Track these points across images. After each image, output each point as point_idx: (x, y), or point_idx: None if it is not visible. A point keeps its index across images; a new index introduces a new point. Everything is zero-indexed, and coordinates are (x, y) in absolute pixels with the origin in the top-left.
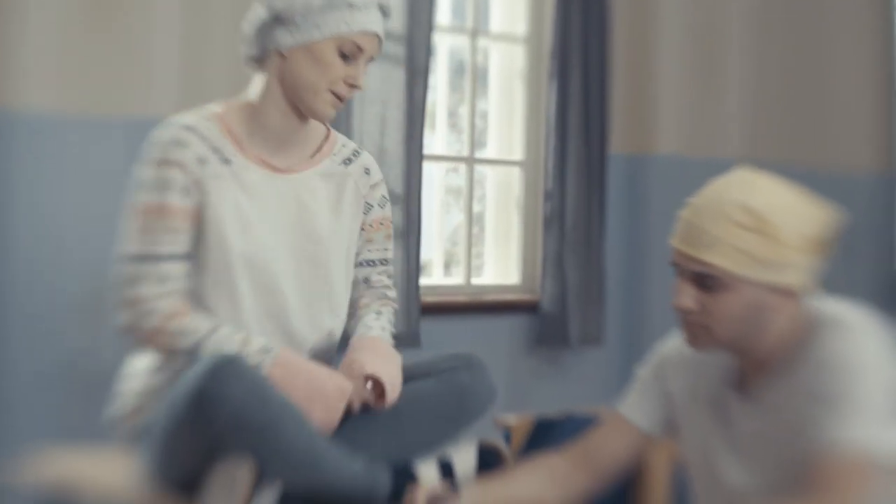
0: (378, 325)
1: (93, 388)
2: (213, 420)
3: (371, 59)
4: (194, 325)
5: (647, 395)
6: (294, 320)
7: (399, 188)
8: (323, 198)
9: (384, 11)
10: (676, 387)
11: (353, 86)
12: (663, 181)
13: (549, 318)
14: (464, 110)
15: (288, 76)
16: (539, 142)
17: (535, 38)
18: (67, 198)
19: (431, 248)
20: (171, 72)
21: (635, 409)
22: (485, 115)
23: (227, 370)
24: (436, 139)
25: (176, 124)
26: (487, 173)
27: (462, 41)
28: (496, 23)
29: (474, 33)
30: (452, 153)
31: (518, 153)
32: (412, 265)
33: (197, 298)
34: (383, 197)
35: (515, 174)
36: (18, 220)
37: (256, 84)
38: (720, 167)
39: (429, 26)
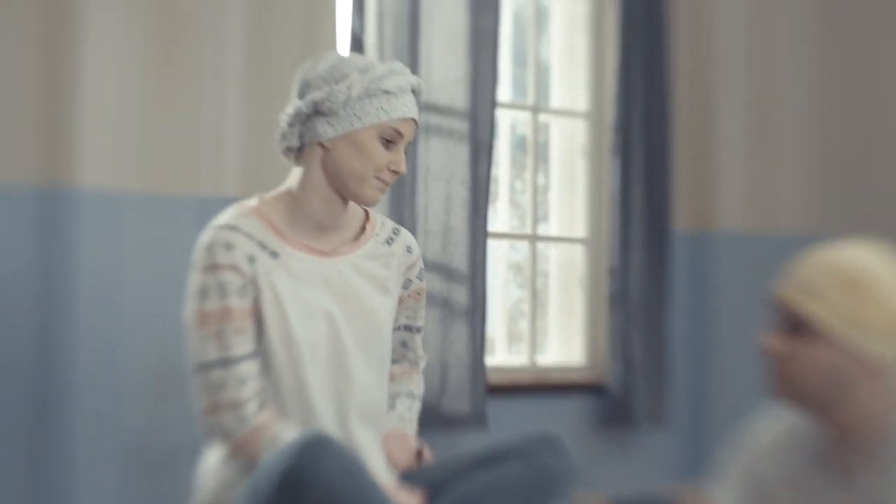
0: (407, 417)
1: (158, 467)
2: (305, 497)
3: (409, 142)
4: (283, 436)
5: (739, 482)
6: (360, 396)
7: (464, 266)
8: (370, 277)
9: (417, 93)
10: (770, 473)
11: (395, 171)
12: (727, 257)
13: (613, 398)
14: (525, 186)
15: (331, 165)
16: (601, 218)
17: (597, 114)
18: (130, 277)
19: (494, 325)
20: (235, 150)
21: (728, 495)
22: (545, 191)
23: (318, 446)
24: (497, 215)
25: (219, 227)
26: (550, 250)
27: (523, 117)
28: (557, 98)
29: (535, 109)
30: (513, 229)
31: (580, 230)
32: (477, 344)
33: (275, 394)
34: (421, 270)
35: (578, 251)
36: (82, 299)
37: (294, 175)
38: (783, 242)
39: (492, 102)
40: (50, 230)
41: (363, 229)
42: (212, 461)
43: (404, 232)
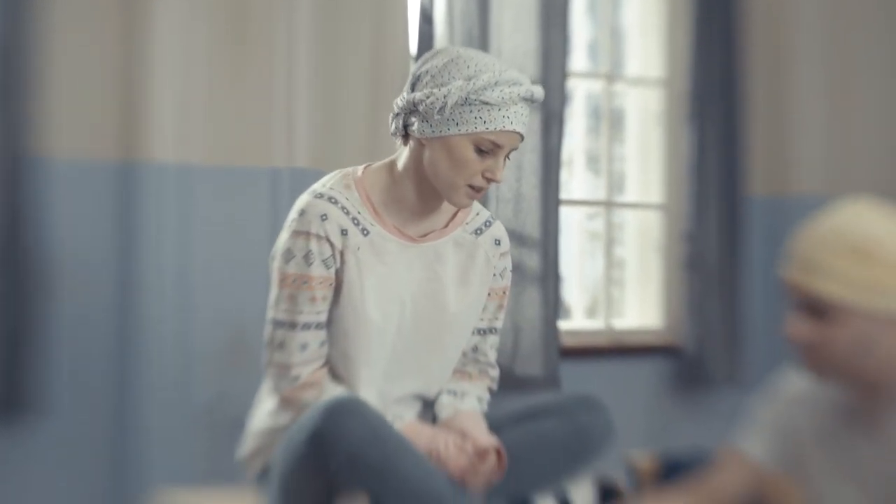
0: (479, 409)
1: (228, 435)
2: (331, 458)
3: (512, 150)
4: (326, 395)
5: (768, 433)
6: (408, 387)
7: (536, 233)
8: (452, 267)
9: (532, 101)
10: (799, 427)
11: (490, 179)
12: (803, 221)
13: (690, 360)
14: (602, 154)
15: (426, 162)
16: (678, 184)
17: (672, 81)
18: (203, 247)
19: (572, 294)
20: (304, 123)
21: (757, 446)
22: (623, 159)
23: (345, 409)
24: (574, 184)
25: (320, 196)
26: (627, 217)
27: (599, 85)
28: (632, 67)
29: (611, 77)
30: (592, 197)
31: (657, 196)
32: (550, 309)
33: (332, 362)
34: (506, 268)
35: (655, 217)
36: (158, 272)
37: (403, 152)
38: None
39: (563, 72)
40: (127, 204)
41: (455, 215)
42: (265, 407)
43: (497, 224)
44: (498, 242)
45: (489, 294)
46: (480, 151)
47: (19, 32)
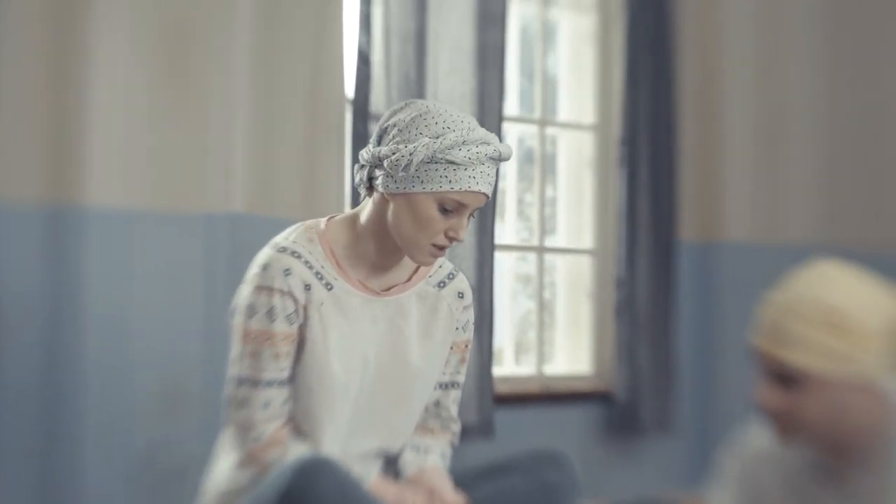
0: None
1: (169, 482)
2: None
3: (477, 209)
4: (291, 453)
5: (734, 486)
6: (372, 443)
7: (472, 278)
8: (416, 321)
9: (500, 160)
10: (766, 481)
11: (453, 238)
12: (733, 267)
13: (620, 406)
14: (533, 198)
15: (390, 217)
16: (608, 229)
17: (604, 127)
18: (138, 293)
19: (502, 336)
20: (242, 167)
21: (723, 499)
22: (553, 203)
23: (315, 469)
24: (505, 228)
25: (282, 250)
26: (557, 261)
27: (530, 130)
28: (564, 112)
29: (543, 122)
30: (521, 241)
31: (588, 241)
32: (485, 355)
33: (294, 419)
34: (469, 321)
35: (585, 262)
36: (91, 317)
37: (367, 204)
38: (790, 252)
39: (499, 116)
40: (58, 248)
41: (417, 269)
42: (224, 465)
43: (460, 276)
44: (461, 295)
45: (451, 347)
46: (444, 210)
47: None
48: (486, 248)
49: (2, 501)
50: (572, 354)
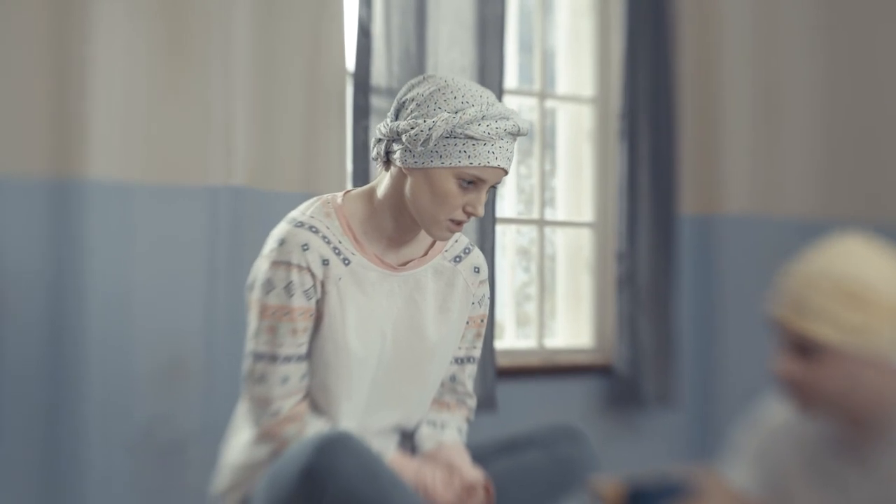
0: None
1: (169, 456)
2: (324, 495)
3: (495, 185)
4: (309, 429)
5: (753, 462)
6: (379, 418)
7: None
8: (431, 295)
9: (518, 135)
10: (784, 456)
11: (471, 213)
12: (734, 240)
13: (621, 379)
14: (532, 172)
15: (408, 192)
16: (608, 203)
17: (603, 100)
18: (139, 266)
19: (503, 310)
20: (244, 139)
21: (741, 475)
22: (552, 176)
23: (337, 445)
24: (505, 201)
25: (300, 223)
26: (557, 234)
27: (529, 102)
28: (563, 85)
29: (542, 95)
30: (521, 215)
31: (588, 214)
32: (487, 329)
33: (311, 394)
34: (485, 296)
35: (585, 235)
36: (92, 290)
37: (384, 178)
38: (790, 225)
39: (499, 89)
40: (60, 221)
41: (433, 243)
42: (241, 439)
43: (476, 251)
44: (477, 270)
45: (467, 322)
46: (462, 185)
47: None
48: (486, 221)
49: (5, 474)
50: (573, 327)
